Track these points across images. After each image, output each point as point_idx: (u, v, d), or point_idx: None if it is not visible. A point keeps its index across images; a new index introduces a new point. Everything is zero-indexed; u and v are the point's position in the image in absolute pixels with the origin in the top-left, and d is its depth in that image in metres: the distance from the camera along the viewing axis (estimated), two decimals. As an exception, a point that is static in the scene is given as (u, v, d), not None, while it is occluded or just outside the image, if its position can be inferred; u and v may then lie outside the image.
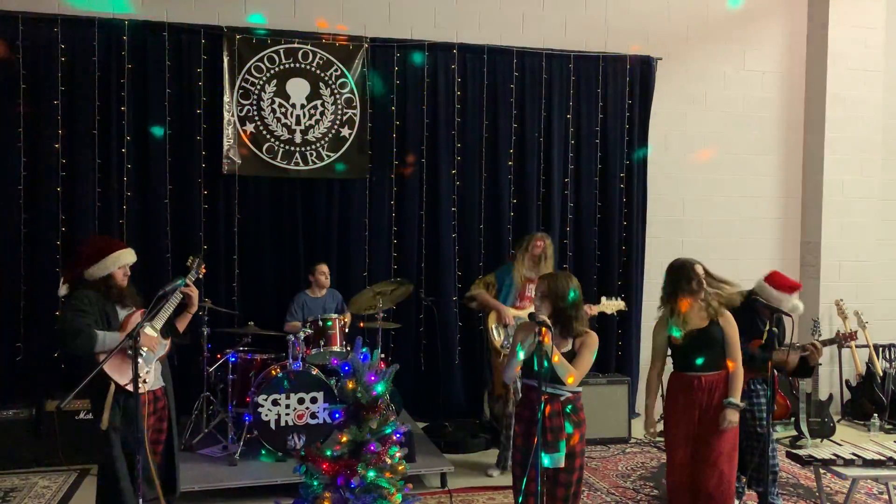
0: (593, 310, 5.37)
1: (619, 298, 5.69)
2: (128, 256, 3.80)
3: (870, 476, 4.16)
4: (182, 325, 4.00)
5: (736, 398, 3.96)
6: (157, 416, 3.80)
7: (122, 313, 3.75)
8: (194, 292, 3.91)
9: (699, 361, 3.98)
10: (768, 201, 7.42)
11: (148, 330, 3.68)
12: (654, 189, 7.06)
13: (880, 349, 7.13)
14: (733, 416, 3.95)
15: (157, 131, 5.97)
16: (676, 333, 4.01)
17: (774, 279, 4.53)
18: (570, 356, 3.53)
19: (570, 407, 3.52)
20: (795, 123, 7.44)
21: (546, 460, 3.37)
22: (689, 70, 7.14)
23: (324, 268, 5.89)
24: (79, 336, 3.52)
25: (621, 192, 6.90)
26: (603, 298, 5.61)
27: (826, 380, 7.03)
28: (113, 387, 3.60)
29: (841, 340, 4.62)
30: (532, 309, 5.20)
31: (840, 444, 4.62)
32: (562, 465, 3.41)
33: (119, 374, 3.61)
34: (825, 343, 4.53)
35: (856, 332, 4.71)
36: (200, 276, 4.25)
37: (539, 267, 5.32)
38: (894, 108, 7.50)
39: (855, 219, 7.28)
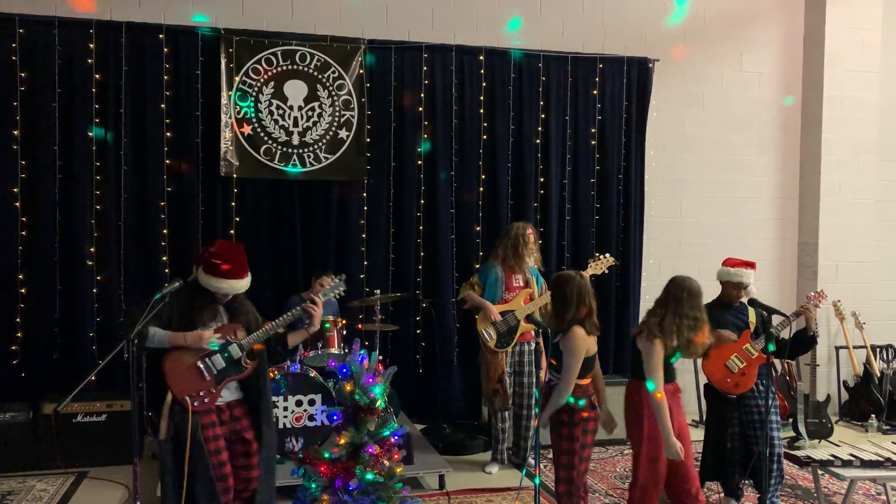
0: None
1: (604, 255, 5.57)
2: (231, 288, 3.63)
3: (868, 477, 4.16)
4: (294, 340, 3.90)
5: None
6: (232, 428, 3.70)
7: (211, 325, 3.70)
8: (317, 312, 3.79)
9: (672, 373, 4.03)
10: (766, 202, 7.43)
11: (234, 348, 3.63)
12: (652, 190, 7.07)
13: (878, 350, 7.14)
14: None
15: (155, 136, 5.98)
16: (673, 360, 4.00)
17: (729, 261, 4.73)
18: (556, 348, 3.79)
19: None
20: (792, 124, 7.45)
21: None
22: (686, 72, 7.15)
23: (327, 281, 5.80)
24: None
25: (619, 194, 6.91)
26: (589, 262, 5.58)
27: (824, 381, 7.04)
28: (170, 396, 3.58)
29: (813, 303, 4.65)
30: (525, 305, 5.32)
31: (838, 445, 4.63)
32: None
33: (175, 384, 3.57)
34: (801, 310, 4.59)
35: (822, 290, 4.80)
36: (335, 298, 4.11)
37: (533, 257, 5.39)
38: (891, 108, 7.52)
39: (852, 220, 7.29)
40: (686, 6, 7.10)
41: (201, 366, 3.63)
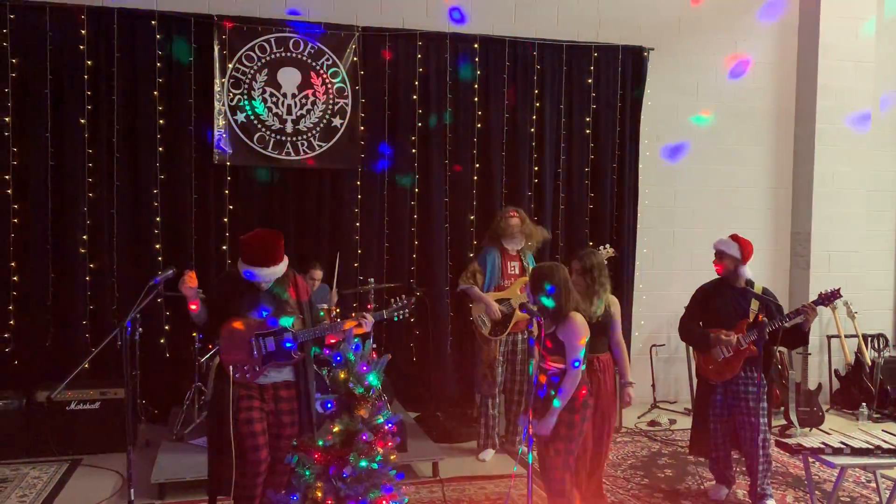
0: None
1: (604, 247, 5.57)
2: (258, 274, 3.66)
3: (858, 464, 4.19)
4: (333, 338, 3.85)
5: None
6: (276, 409, 3.74)
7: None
8: (368, 326, 3.80)
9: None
10: (759, 192, 7.44)
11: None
12: (646, 179, 7.07)
13: (869, 339, 7.18)
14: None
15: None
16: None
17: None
18: (552, 337, 3.73)
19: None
20: (786, 114, 7.46)
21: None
22: (680, 60, 7.14)
23: (317, 273, 5.79)
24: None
25: (613, 183, 6.91)
26: None
27: (815, 369, 7.08)
28: (217, 360, 3.75)
29: (825, 299, 4.58)
30: (521, 293, 5.31)
31: (829, 433, 4.66)
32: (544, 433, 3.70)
33: (226, 352, 3.67)
34: (815, 304, 4.53)
35: (839, 288, 4.65)
36: (398, 317, 4.06)
37: (525, 237, 5.40)
38: (884, 98, 7.52)
39: (845, 209, 7.31)
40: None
41: (254, 343, 3.68)
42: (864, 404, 6.76)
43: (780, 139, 7.46)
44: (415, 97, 6.44)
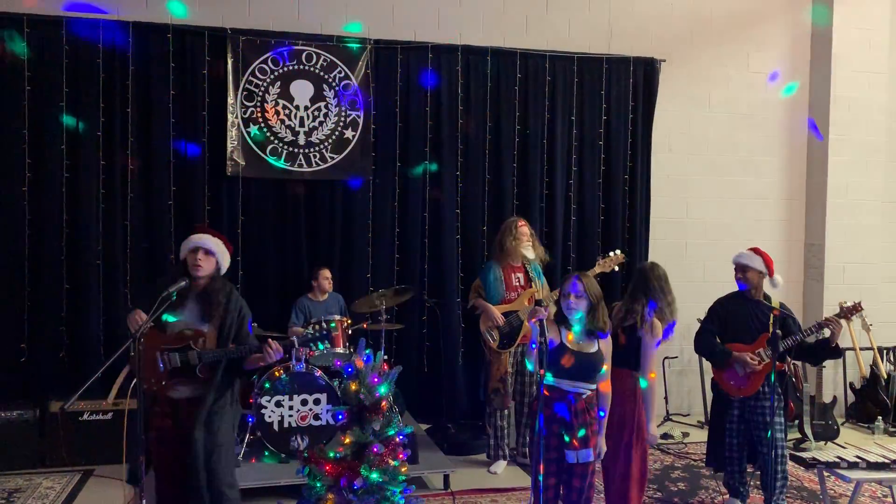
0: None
1: (613, 252, 5.52)
2: (197, 240, 3.69)
3: (873, 479, 4.15)
4: (251, 364, 3.74)
5: None
6: (178, 425, 3.66)
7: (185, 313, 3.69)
8: (271, 357, 3.61)
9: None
10: (772, 203, 7.41)
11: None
12: (658, 191, 7.05)
13: (884, 351, 7.11)
14: None
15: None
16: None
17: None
18: (598, 356, 3.60)
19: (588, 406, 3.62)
20: (799, 125, 7.43)
21: (569, 456, 3.53)
22: (692, 72, 7.13)
23: (326, 272, 5.89)
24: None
25: (625, 195, 6.90)
26: (598, 258, 5.53)
27: (830, 382, 7.01)
28: (127, 369, 3.71)
29: (847, 313, 4.56)
30: (528, 304, 5.29)
31: (844, 447, 4.61)
32: (590, 459, 3.55)
33: (141, 372, 3.60)
34: (838, 317, 4.50)
35: (860, 302, 4.60)
36: (314, 346, 3.91)
37: (530, 247, 5.38)
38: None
39: (859, 221, 7.26)
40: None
41: (159, 358, 3.63)
42: (879, 418, 6.69)
43: (793, 150, 7.43)
44: (426, 109, 6.46)
